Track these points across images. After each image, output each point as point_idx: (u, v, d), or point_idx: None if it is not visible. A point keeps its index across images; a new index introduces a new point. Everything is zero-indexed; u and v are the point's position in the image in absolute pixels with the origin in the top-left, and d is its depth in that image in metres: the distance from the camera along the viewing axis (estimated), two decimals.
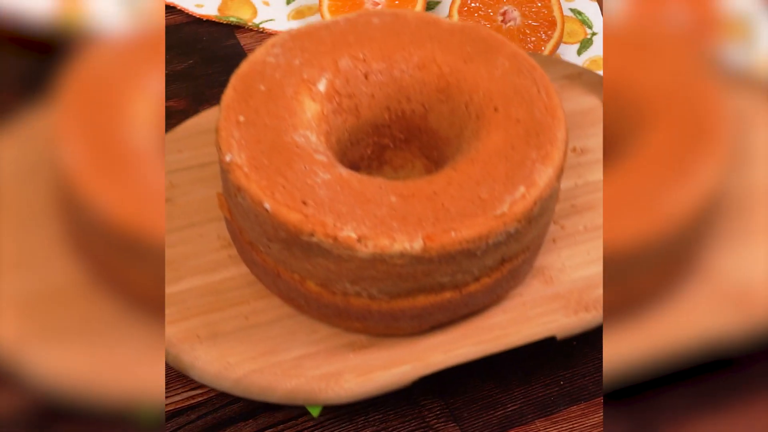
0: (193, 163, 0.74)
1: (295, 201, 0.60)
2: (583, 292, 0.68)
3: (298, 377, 0.63)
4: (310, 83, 0.66)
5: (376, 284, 0.61)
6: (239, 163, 0.61)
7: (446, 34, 0.69)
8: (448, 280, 0.62)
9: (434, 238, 0.59)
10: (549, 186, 0.62)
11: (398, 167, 0.71)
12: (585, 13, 0.95)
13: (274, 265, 0.63)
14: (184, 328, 0.65)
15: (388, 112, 0.69)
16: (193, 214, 0.71)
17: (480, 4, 0.89)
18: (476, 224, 0.60)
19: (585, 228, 0.71)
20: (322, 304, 0.63)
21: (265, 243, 0.62)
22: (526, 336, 0.66)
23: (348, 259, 0.59)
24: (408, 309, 0.63)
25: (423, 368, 0.64)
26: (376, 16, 0.70)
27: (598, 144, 0.76)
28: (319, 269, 0.61)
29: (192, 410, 0.67)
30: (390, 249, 0.58)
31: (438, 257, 0.59)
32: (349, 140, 0.68)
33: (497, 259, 0.62)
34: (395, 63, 0.68)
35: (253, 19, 0.93)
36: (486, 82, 0.66)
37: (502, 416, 0.68)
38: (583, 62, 0.91)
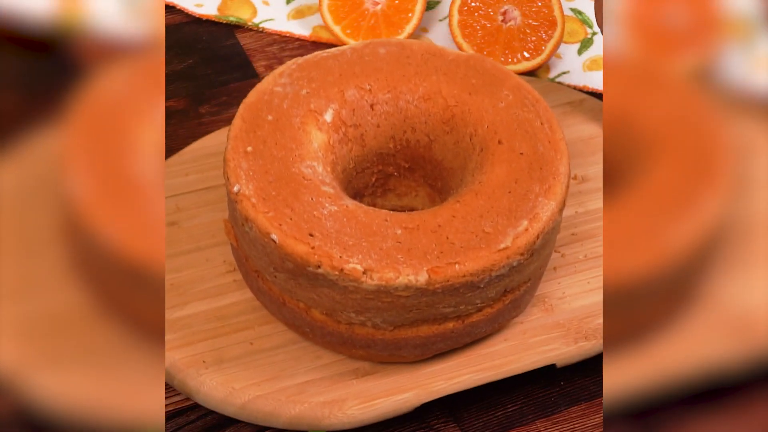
0: (199, 187, 0.75)
1: (302, 233, 0.61)
2: (583, 322, 0.69)
3: (302, 403, 0.64)
4: (317, 113, 0.67)
5: (380, 314, 0.62)
6: (247, 194, 0.62)
7: (452, 65, 0.70)
8: (451, 311, 0.63)
9: (439, 271, 0.60)
10: (551, 219, 0.63)
11: (402, 195, 0.72)
12: (585, 13, 0.95)
13: (280, 293, 0.64)
14: (190, 353, 0.66)
15: (393, 141, 0.70)
16: (200, 238, 0.72)
17: (480, 4, 0.89)
18: (480, 258, 0.61)
19: (585, 257, 0.72)
20: (326, 332, 0.64)
21: (272, 272, 0.63)
22: (526, 364, 0.67)
23: (353, 291, 0.60)
24: (411, 338, 0.64)
25: (425, 395, 0.65)
26: (383, 46, 0.71)
27: (599, 172, 0.77)
28: (325, 299, 0.62)
29: (192, 410, 0.68)
30: (395, 282, 0.60)
31: (442, 289, 0.60)
32: (355, 169, 0.69)
33: (500, 291, 0.64)
34: (401, 94, 0.69)
35: (252, 18, 0.94)
36: (490, 114, 0.67)
37: (503, 416, 0.68)
38: (583, 62, 0.91)
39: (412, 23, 0.90)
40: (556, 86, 0.84)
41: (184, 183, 0.75)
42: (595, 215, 0.75)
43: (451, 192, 0.67)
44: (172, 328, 0.67)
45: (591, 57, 0.91)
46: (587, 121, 0.81)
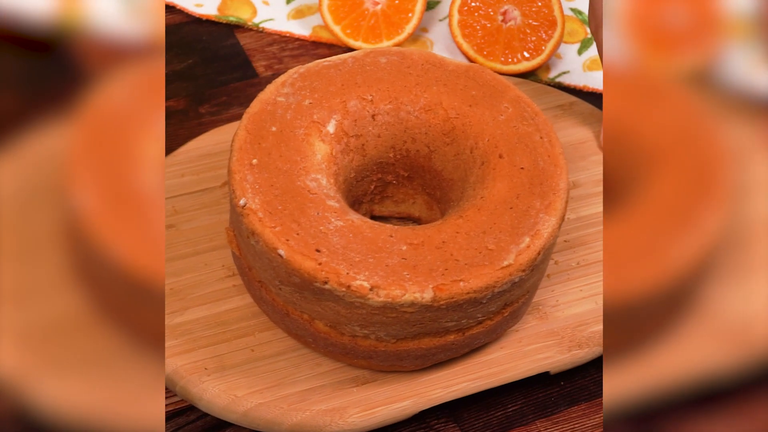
0: (195, 189, 0.76)
1: (309, 248, 0.61)
2: (576, 330, 0.70)
3: (303, 411, 0.65)
4: (320, 125, 0.67)
5: (384, 328, 0.63)
6: (254, 209, 0.63)
7: (452, 76, 0.71)
8: (453, 325, 0.64)
9: (444, 288, 0.61)
10: (552, 235, 0.64)
11: (400, 202, 0.73)
12: (585, 13, 0.95)
13: (284, 304, 0.65)
14: (192, 360, 0.67)
15: (393, 151, 0.70)
16: (198, 242, 0.73)
17: (480, 4, 0.89)
18: (484, 275, 0.62)
19: (578, 264, 0.74)
20: (329, 343, 0.65)
21: (276, 285, 0.64)
22: (521, 372, 0.69)
23: (359, 306, 0.61)
24: (413, 350, 0.65)
25: (424, 403, 0.67)
26: (383, 55, 0.71)
27: (590, 177, 0.79)
28: (330, 312, 0.63)
29: (192, 410, 0.68)
30: (401, 299, 0.61)
31: (446, 306, 0.62)
32: (355, 178, 0.70)
33: (500, 305, 0.65)
34: (402, 105, 0.70)
35: (252, 18, 0.93)
36: (491, 128, 0.68)
37: (503, 417, 0.69)
38: (583, 62, 0.92)
39: (412, 23, 0.90)
40: (547, 89, 0.85)
41: (180, 184, 0.76)
42: (587, 221, 0.76)
43: (451, 203, 0.68)
44: (173, 334, 0.68)
45: (591, 57, 0.92)
46: (577, 125, 0.82)
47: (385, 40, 0.90)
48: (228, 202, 0.74)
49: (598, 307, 0.71)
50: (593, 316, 0.71)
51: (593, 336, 0.70)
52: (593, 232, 0.75)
